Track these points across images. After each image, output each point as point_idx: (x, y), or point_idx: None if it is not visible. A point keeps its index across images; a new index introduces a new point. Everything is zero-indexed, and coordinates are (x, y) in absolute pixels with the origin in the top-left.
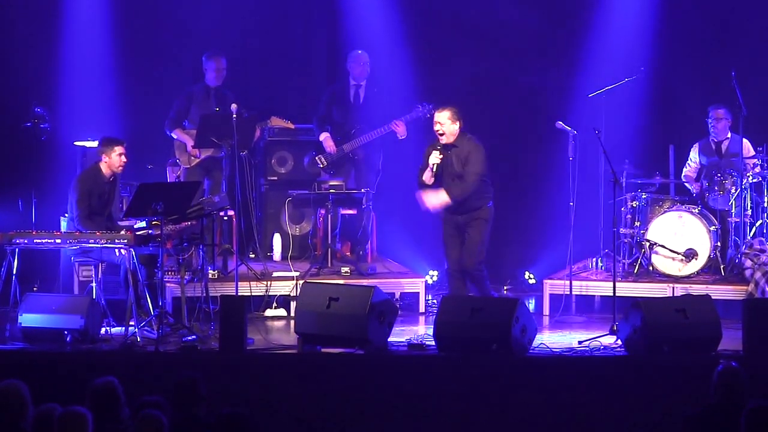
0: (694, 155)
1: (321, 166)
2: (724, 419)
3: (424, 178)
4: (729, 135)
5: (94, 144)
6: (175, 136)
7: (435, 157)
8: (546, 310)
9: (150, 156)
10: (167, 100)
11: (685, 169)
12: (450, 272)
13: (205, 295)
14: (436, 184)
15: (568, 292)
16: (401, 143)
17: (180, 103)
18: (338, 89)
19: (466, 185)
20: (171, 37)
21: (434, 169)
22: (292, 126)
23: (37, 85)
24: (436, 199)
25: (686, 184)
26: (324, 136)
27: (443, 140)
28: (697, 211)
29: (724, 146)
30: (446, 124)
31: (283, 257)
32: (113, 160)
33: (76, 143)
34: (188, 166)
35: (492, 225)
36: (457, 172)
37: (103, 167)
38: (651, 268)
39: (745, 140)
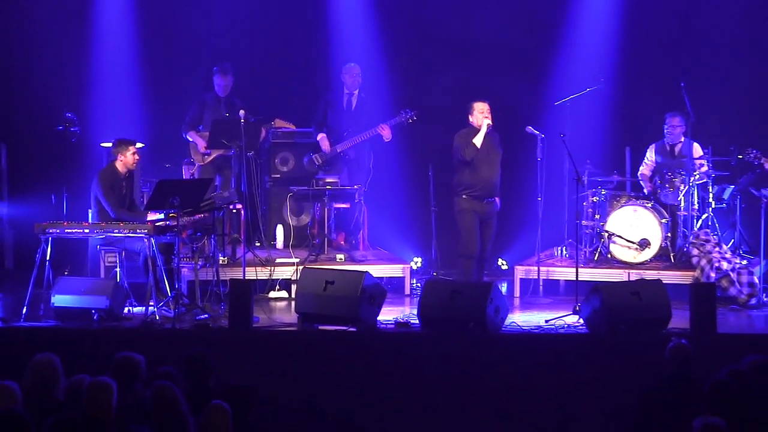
0: (650, 155)
1: (317, 164)
2: (675, 390)
3: (474, 142)
4: (682, 139)
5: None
6: (190, 138)
7: (489, 122)
8: (517, 293)
9: (167, 155)
10: (183, 106)
11: (641, 168)
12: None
13: (216, 278)
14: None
15: (536, 277)
16: (390, 147)
17: (194, 109)
18: (333, 96)
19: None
20: (187, 49)
21: (476, 140)
22: (293, 127)
23: (68, 92)
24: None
25: (641, 181)
26: (321, 137)
27: (484, 128)
28: (650, 205)
29: (677, 149)
30: (485, 115)
31: (285, 246)
32: (128, 158)
33: (103, 144)
34: (202, 164)
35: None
36: (494, 156)
37: (119, 165)
38: (609, 255)
39: (695, 144)
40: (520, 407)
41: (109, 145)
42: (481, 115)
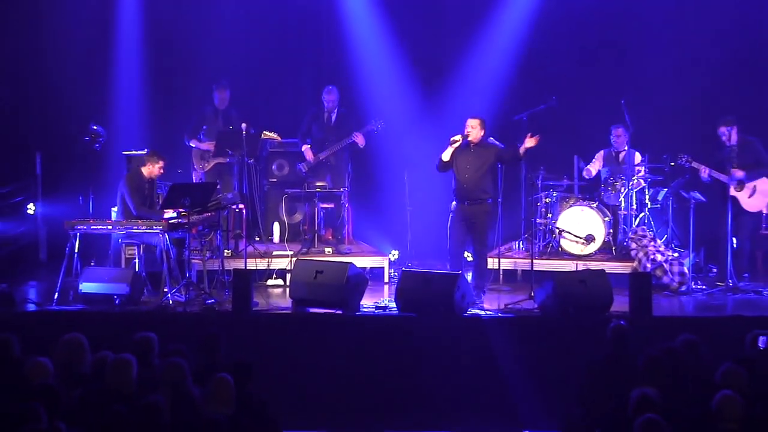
0: (599, 156)
1: (304, 171)
2: (616, 365)
3: (442, 156)
4: (626, 148)
5: (136, 152)
6: (193, 145)
7: (454, 140)
8: (486, 282)
9: (172, 161)
10: (185, 117)
11: (589, 165)
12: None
13: (221, 268)
14: (451, 166)
15: (497, 267)
16: (372, 156)
17: (195, 120)
18: (316, 112)
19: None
20: (188, 68)
21: (454, 145)
22: (279, 138)
23: (92, 107)
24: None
25: (584, 172)
26: (305, 148)
27: (469, 138)
28: (594, 205)
29: (621, 156)
30: (476, 128)
31: (281, 240)
32: (154, 169)
33: (124, 153)
34: (203, 171)
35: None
36: (478, 164)
37: (144, 171)
38: (560, 249)
39: (636, 152)
40: (483, 379)
41: (130, 153)
42: (467, 130)
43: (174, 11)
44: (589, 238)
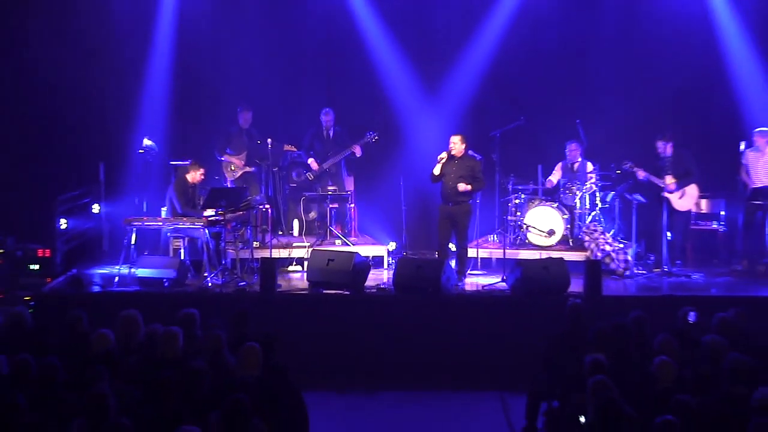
0: (558, 167)
1: (310, 179)
2: (573, 335)
3: (434, 171)
4: (579, 159)
5: (181, 162)
6: (223, 159)
7: (441, 157)
8: (464, 268)
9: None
10: (216, 133)
11: (550, 176)
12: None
13: (251, 257)
14: (441, 178)
15: (476, 256)
16: (374, 164)
17: (223, 138)
18: (316, 130)
19: (479, 185)
20: (215, 92)
21: (441, 162)
22: (294, 149)
23: (144, 124)
24: (462, 187)
25: (546, 183)
26: (310, 160)
27: (452, 153)
28: (555, 205)
29: (575, 166)
30: (457, 143)
31: (299, 234)
32: (196, 176)
33: (171, 162)
34: (232, 179)
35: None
36: (460, 173)
37: (189, 177)
38: (527, 241)
39: (588, 162)
40: (464, 347)
41: (176, 162)
42: (451, 146)
43: (202, 44)
44: (551, 232)
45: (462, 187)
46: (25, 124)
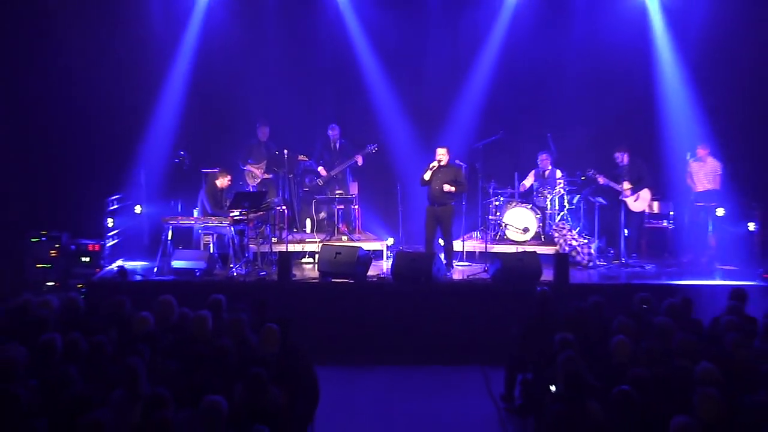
0: (531, 174)
1: (320, 184)
2: (544, 317)
3: (424, 177)
4: (549, 167)
5: (211, 170)
6: (245, 168)
7: (432, 166)
8: (451, 261)
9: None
10: (237, 144)
11: (524, 181)
12: (427, 242)
13: (270, 251)
14: (430, 183)
15: (462, 249)
16: (376, 172)
17: (245, 151)
18: (325, 142)
19: (461, 188)
20: (237, 108)
21: (432, 170)
22: (307, 159)
23: (177, 137)
24: (447, 187)
25: (522, 186)
26: (320, 168)
27: (440, 162)
28: (529, 207)
29: (546, 173)
30: (444, 155)
31: (311, 231)
32: (224, 181)
33: (203, 170)
34: (254, 184)
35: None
36: (445, 180)
37: (218, 183)
38: (505, 237)
39: (557, 170)
40: (451, 328)
41: (207, 170)
42: (437, 157)
43: (227, 68)
44: (525, 230)
45: (447, 187)
46: (76, 136)
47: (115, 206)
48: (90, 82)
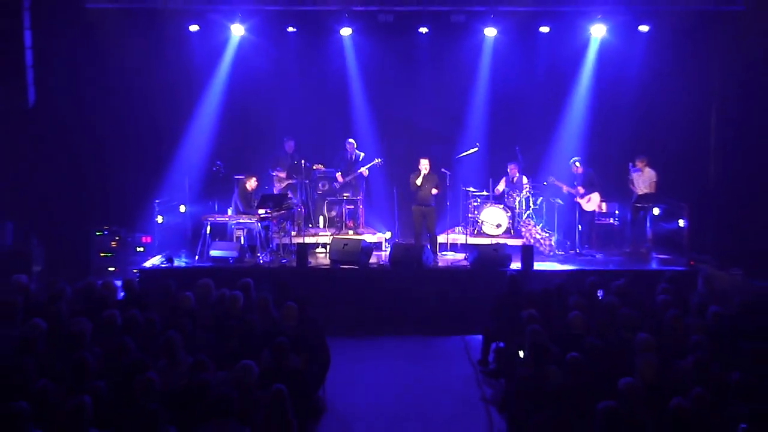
0: (502, 181)
1: (337, 187)
2: (511, 297)
3: (416, 182)
4: (518, 174)
5: (242, 176)
6: (274, 174)
7: (421, 174)
8: (437, 250)
9: (262, 182)
10: (265, 154)
11: (497, 186)
12: (416, 235)
13: (290, 242)
14: (419, 188)
15: (447, 241)
16: (377, 178)
17: (273, 160)
18: (342, 154)
19: (442, 191)
20: (271, 125)
21: (419, 179)
22: (322, 167)
23: (216, 149)
24: (434, 191)
25: (495, 190)
26: (338, 174)
27: (424, 172)
28: (501, 207)
29: (515, 179)
30: (426, 165)
31: (324, 227)
32: (251, 183)
33: (235, 177)
34: (280, 188)
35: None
36: (431, 185)
37: (247, 186)
38: (482, 231)
39: (524, 177)
40: (438, 305)
41: (239, 176)
42: (421, 167)
43: (258, 92)
44: (498, 225)
45: (434, 191)
46: (131, 148)
47: (164, 206)
48: (143, 103)
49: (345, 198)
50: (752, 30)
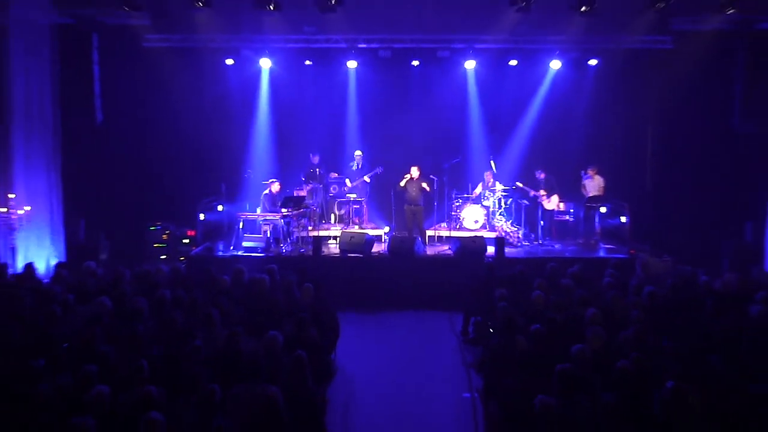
0: (480, 185)
1: (345, 191)
2: (488, 279)
3: (400, 184)
4: (492, 180)
5: (269, 181)
6: (303, 180)
7: (407, 177)
8: (426, 242)
9: (289, 187)
10: (296, 165)
11: (475, 190)
12: (408, 230)
13: (307, 235)
14: (406, 189)
15: (434, 235)
16: (379, 184)
17: (304, 171)
18: (351, 164)
19: (430, 192)
20: (300, 138)
21: (405, 181)
22: (336, 175)
23: (249, 157)
24: (426, 187)
25: (473, 193)
26: (347, 180)
27: (413, 176)
28: (479, 206)
29: (490, 184)
30: (416, 172)
31: (335, 223)
32: (276, 187)
33: (263, 182)
34: (306, 192)
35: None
36: (417, 188)
37: (273, 189)
38: (463, 226)
39: (497, 182)
40: (427, 286)
41: (266, 181)
42: (409, 174)
43: (286, 110)
44: (476, 221)
45: (425, 186)
46: (179, 158)
47: (205, 206)
48: (188, 122)
49: (352, 199)
50: (678, 64)
